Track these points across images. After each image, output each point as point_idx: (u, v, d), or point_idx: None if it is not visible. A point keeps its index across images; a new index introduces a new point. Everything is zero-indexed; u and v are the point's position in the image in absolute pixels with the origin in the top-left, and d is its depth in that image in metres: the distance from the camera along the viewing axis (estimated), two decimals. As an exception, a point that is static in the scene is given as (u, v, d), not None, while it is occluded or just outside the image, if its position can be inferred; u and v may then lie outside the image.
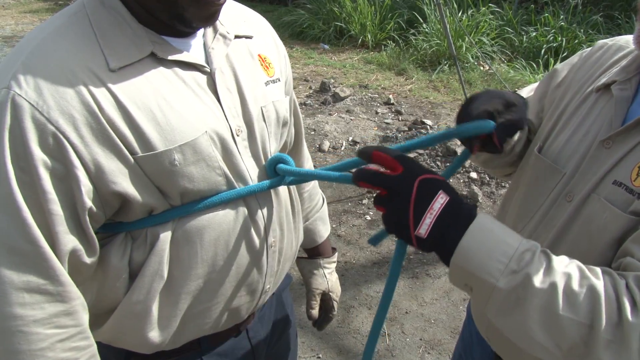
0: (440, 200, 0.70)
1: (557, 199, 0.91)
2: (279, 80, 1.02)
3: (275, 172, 0.97)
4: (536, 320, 0.70)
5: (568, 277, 0.70)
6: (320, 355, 2.35)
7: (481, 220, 0.72)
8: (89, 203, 0.77)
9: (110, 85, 0.77)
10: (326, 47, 6.83)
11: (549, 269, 0.70)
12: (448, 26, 4.27)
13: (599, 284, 0.70)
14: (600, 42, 1.03)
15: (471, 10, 6.05)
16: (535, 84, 1.14)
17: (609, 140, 0.85)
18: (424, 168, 0.73)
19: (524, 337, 0.72)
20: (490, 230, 0.71)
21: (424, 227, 0.71)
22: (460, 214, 0.72)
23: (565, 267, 0.71)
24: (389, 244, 3.11)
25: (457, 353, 1.31)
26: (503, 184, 3.56)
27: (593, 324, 0.67)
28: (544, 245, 0.81)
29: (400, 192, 0.71)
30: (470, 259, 0.71)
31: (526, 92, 1.14)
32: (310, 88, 5.37)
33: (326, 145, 4.21)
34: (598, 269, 0.73)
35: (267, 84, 0.98)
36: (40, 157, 0.72)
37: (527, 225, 0.96)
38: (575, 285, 0.69)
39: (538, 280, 0.69)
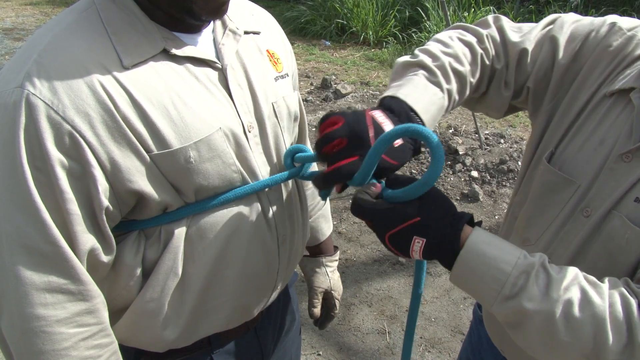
0: (418, 244, 0.72)
1: (573, 213, 0.86)
2: (287, 75, 1.03)
3: (292, 164, 0.96)
4: (538, 341, 0.70)
5: (568, 302, 0.68)
6: (321, 353, 2.36)
7: (471, 247, 0.71)
8: (105, 202, 0.77)
9: (124, 82, 0.76)
10: (327, 43, 6.82)
11: (546, 294, 0.68)
12: (451, 24, 4.27)
13: (602, 306, 0.67)
14: (618, 27, 0.89)
15: (473, 9, 6.04)
16: (548, 24, 0.96)
17: (628, 154, 0.80)
18: (391, 220, 0.72)
19: (530, 350, 0.73)
20: (482, 255, 0.70)
21: (416, 257, 0.74)
22: (442, 248, 0.72)
23: (565, 290, 0.69)
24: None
25: (464, 355, 1.30)
26: (504, 183, 3.57)
27: (597, 347, 0.66)
28: (561, 263, 0.78)
29: (380, 239, 0.76)
30: (464, 284, 0.73)
31: (534, 35, 0.95)
32: (311, 84, 5.36)
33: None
34: (604, 286, 0.70)
35: (276, 79, 0.98)
36: (56, 156, 0.72)
37: (541, 238, 0.92)
38: (575, 311, 0.67)
39: (534, 306, 0.68)
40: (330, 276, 1.30)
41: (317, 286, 1.28)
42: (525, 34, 0.96)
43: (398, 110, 0.80)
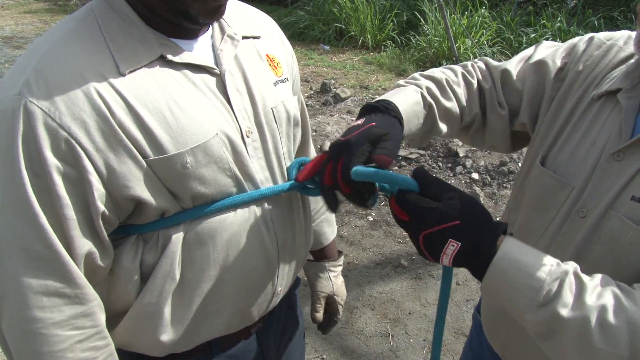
0: (452, 247, 0.71)
1: (569, 215, 0.88)
2: (287, 79, 1.03)
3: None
4: (571, 350, 0.69)
5: (602, 308, 0.67)
6: (325, 356, 2.36)
7: (505, 254, 0.70)
8: (102, 207, 0.78)
9: (120, 89, 0.77)
10: (326, 47, 6.84)
11: (579, 301, 0.68)
12: (449, 27, 4.28)
13: (637, 312, 0.66)
14: (597, 39, 0.97)
15: (470, 12, 6.07)
16: (525, 55, 1.05)
17: (619, 153, 0.82)
18: (431, 220, 0.71)
19: None
20: (516, 262, 0.70)
21: (445, 262, 0.72)
22: (476, 255, 0.71)
23: (598, 296, 0.68)
24: (392, 244, 3.12)
25: None
26: (505, 185, 3.57)
27: (633, 355, 0.65)
28: None
29: (412, 239, 0.75)
30: (496, 292, 0.72)
31: (515, 62, 1.05)
32: (310, 89, 5.38)
33: (327, 146, 4.21)
34: (637, 292, 0.69)
35: (276, 84, 0.98)
36: (53, 162, 0.73)
37: (539, 241, 0.93)
38: (610, 317, 0.66)
39: (568, 313, 0.67)
40: (333, 281, 1.29)
41: (320, 291, 1.28)
42: (506, 61, 1.07)
43: (381, 107, 0.91)
